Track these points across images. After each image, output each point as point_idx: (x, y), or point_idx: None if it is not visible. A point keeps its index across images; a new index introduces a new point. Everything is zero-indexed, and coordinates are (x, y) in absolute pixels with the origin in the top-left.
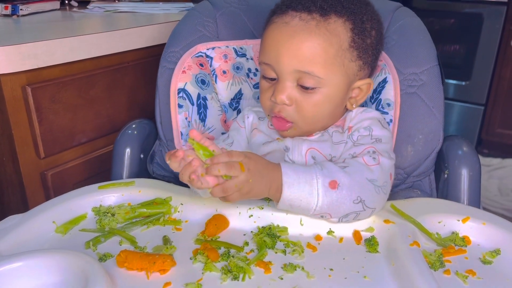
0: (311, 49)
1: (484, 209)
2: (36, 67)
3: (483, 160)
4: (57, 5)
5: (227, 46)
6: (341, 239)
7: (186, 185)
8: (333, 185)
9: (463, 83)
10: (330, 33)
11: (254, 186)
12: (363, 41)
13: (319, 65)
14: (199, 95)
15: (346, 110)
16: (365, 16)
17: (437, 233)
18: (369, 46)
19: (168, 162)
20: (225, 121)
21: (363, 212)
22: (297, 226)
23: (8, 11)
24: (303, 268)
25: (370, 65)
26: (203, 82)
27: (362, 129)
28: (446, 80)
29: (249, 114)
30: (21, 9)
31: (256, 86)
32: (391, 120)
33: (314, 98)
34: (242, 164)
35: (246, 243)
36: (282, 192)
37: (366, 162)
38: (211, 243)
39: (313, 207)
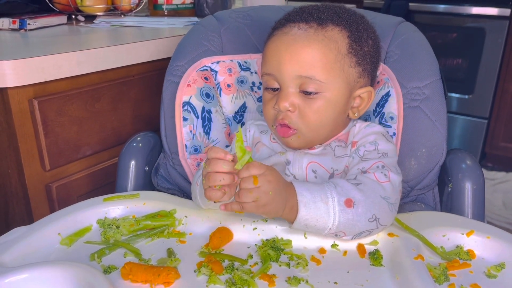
0: (311, 54)
1: (489, 223)
2: (43, 80)
3: (487, 174)
4: (64, 19)
5: (232, 60)
6: (345, 252)
7: (190, 198)
8: (349, 203)
9: (467, 96)
10: (328, 39)
11: (272, 200)
12: (360, 48)
13: (320, 69)
14: (203, 108)
15: (349, 121)
16: (361, 26)
17: (441, 247)
18: (367, 54)
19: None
20: (229, 134)
21: (376, 230)
22: (301, 239)
23: (16, 26)
24: (307, 281)
25: (369, 74)
26: (207, 95)
27: (368, 143)
28: (450, 94)
29: (251, 128)
30: (28, 24)
31: (260, 99)
32: (394, 134)
33: (317, 104)
34: (256, 177)
35: (250, 256)
36: (298, 212)
37: (377, 179)
38: (215, 256)
39: (329, 226)
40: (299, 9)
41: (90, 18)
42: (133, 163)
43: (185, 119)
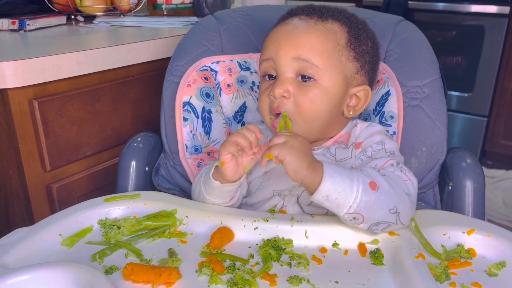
0: (310, 40)
1: (489, 221)
2: (43, 81)
3: (487, 171)
4: (63, 20)
5: (231, 60)
6: (346, 251)
7: (191, 198)
8: (373, 186)
9: (466, 94)
10: (327, 30)
11: (301, 145)
12: (359, 44)
13: (317, 54)
14: (204, 108)
15: (347, 121)
16: (361, 26)
17: (442, 245)
18: (365, 52)
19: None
20: (229, 134)
21: (394, 225)
22: (302, 239)
23: (15, 26)
24: (308, 281)
25: (367, 74)
26: (207, 95)
27: (375, 144)
28: (449, 92)
29: None
30: (28, 24)
31: None
32: (394, 133)
33: (313, 92)
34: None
35: (252, 256)
36: (322, 180)
37: (399, 176)
38: (217, 256)
39: (350, 203)
40: (303, 5)
41: (90, 18)
42: (133, 163)
43: (185, 119)
